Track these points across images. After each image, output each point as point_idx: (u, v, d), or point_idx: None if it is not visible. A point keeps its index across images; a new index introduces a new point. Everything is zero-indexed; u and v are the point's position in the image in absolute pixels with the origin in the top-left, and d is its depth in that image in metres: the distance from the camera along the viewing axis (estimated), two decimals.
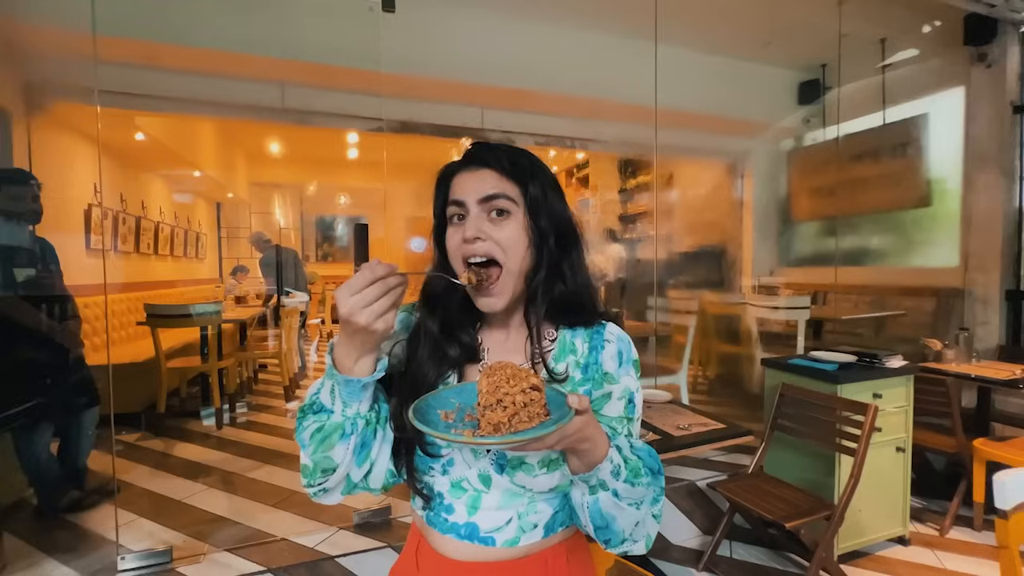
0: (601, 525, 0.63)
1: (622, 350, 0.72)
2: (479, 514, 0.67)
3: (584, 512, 0.63)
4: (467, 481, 0.68)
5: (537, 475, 0.65)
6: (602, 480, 0.59)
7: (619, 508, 0.61)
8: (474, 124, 3.61)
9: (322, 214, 8.21)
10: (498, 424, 0.53)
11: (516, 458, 0.66)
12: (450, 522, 0.68)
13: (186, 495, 2.46)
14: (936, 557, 2.05)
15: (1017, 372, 2.38)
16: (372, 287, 0.54)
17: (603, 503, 0.61)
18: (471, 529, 0.67)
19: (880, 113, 3.51)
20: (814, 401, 2.05)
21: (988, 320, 3.07)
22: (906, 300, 3.43)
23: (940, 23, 3.20)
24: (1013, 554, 1.02)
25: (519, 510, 0.67)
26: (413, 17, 2.58)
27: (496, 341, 0.75)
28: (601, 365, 0.71)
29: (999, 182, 3.04)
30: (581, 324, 0.73)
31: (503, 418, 0.53)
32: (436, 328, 0.72)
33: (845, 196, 3.69)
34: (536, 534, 0.68)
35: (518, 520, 0.67)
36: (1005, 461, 2.13)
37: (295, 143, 5.68)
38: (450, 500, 0.69)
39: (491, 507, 0.67)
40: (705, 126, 4.02)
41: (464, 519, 0.68)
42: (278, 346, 3.81)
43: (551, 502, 0.68)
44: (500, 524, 0.67)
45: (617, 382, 0.70)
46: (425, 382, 0.69)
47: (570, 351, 0.71)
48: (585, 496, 0.61)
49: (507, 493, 0.67)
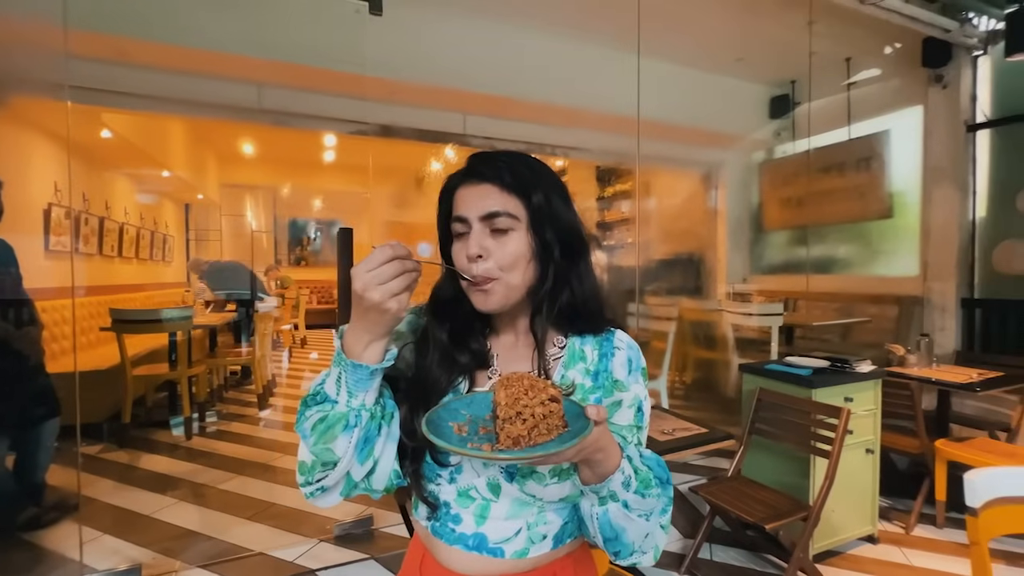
0: (611, 537, 0.63)
1: (632, 357, 0.72)
2: (487, 524, 0.66)
3: (593, 523, 0.62)
4: (475, 490, 0.67)
5: (548, 484, 0.65)
6: (613, 491, 0.59)
7: (629, 519, 0.61)
8: (456, 130, 3.61)
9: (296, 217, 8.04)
10: (517, 437, 0.52)
11: (527, 467, 0.65)
12: (457, 532, 0.67)
13: (154, 509, 2.35)
14: (903, 554, 2.14)
15: (973, 376, 2.51)
16: (389, 265, 0.54)
17: (613, 514, 0.61)
18: (479, 540, 0.66)
19: (846, 128, 3.68)
20: (790, 405, 2.11)
21: (945, 326, 3.24)
22: (871, 307, 3.59)
23: (900, 45, 3.38)
24: (983, 550, 1.08)
25: (528, 520, 0.66)
26: (398, 20, 2.56)
27: (505, 347, 0.74)
28: (611, 372, 0.71)
29: (954, 196, 3.23)
30: (590, 331, 0.73)
31: (523, 431, 0.52)
32: (445, 335, 0.71)
33: (813, 207, 3.85)
34: (545, 545, 0.67)
35: (527, 531, 0.66)
36: (965, 461, 2.25)
37: (270, 144, 5.54)
38: (457, 509, 0.67)
39: (500, 517, 0.66)
40: (681, 137, 4.13)
41: (472, 529, 0.66)
42: (251, 352, 3.69)
43: (560, 512, 0.67)
44: (509, 535, 0.66)
45: (627, 390, 0.70)
46: (436, 388, 0.69)
47: (580, 358, 0.71)
48: (595, 507, 0.61)
49: (516, 502, 0.66)
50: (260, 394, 3.68)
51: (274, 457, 2.90)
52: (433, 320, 0.73)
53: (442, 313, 0.72)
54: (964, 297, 3.22)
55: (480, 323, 0.74)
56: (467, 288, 0.69)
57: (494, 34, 3.01)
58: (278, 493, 2.49)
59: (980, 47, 3.15)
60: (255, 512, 2.31)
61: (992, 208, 3.16)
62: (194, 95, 2.92)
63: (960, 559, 2.09)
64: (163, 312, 3.07)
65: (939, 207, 3.29)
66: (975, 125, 3.19)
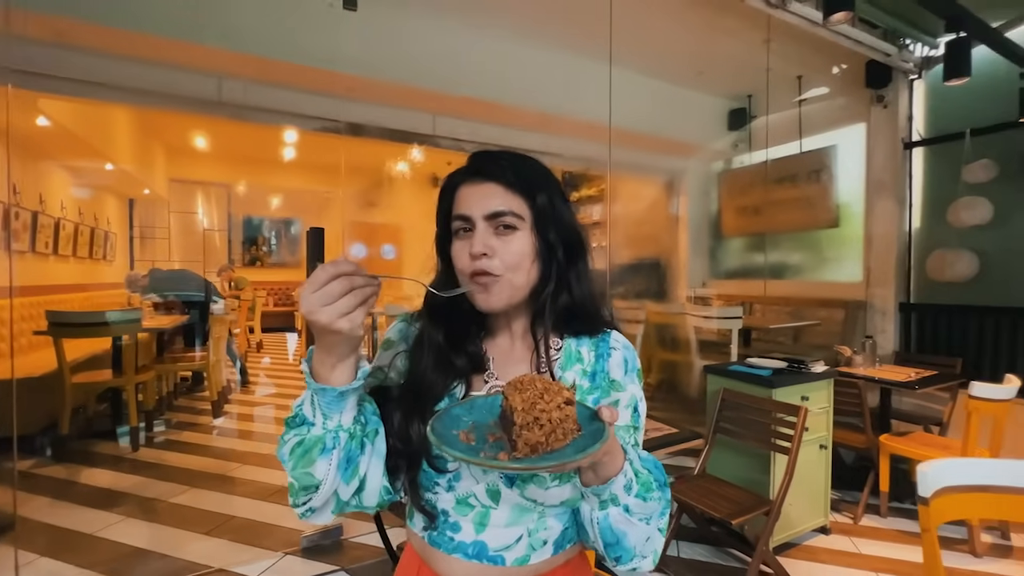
0: (611, 542, 0.62)
1: (627, 358, 0.73)
2: (487, 531, 0.65)
3: (594, 528, 0.62)
4: (474, 497, 0.66)
5: (549, 487, 0.64)
6: (614, 495, 0.59)
7: (630, 523, 0.61)
8: (425, 130, 3.57)
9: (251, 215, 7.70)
10: (536, 444, 0.51)
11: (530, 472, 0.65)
12: (456, 541, 0.66)
13: (99, 527, 2.18)
14: (853, 544, 2.27)
15: (912, 375, 2.71)
16: (335, 283, 0.51)
17: (614, 519, 0.60)
18: (479, 548, 0.65)
19: (797, 142, 3.90)
20: (752, 404, 2.21)
21: (886, 329, 3.48)
22: (820, 311, 3.81)
23: (846, 66, 3.62)
24: (933, 536, 1.16)
25: (529, 527, 0.66)
26: (372, 17, 2.51)
27: (501, 351, 0.73)
28: (608, 373, 0.71)
29: (893, 208, 3.48)
30: (587, 333, 0.73)
31: (541, 437, 0.51)
32: (441, 338, 0.70)
33: (768, 215, 4.05)
34: (546, 551, 0.67)
35: (528, 537, 0.66)
36: (906, 454, 2.42)
37: (226, 139, 5.28)
38: (456, 517, 0.66)
39: (500, 524, 0.65)
40: (646, 145, 4.25)
41: (472, 537, 0.65)
42: (205, 357, 3.50)
43: (560, 518, 0.67)
44: (510, 542, 0.65)
45: (624, 390, 0.70)
46: (431, 393, 0.67)
47: (576, 359, 0.72)
48: (595, 511, 0.61)
49: (517, 508, 0.65)
50: (215, 401, 3.49)
51: (231, 467, 2.76)
52: (429, 323, 0.71)
53: (438, 315, 0.71)
54: (902, 302, 3.47)
55: (476, 326, 0.73)
56: (468, 287, 0.68)
57: (468, 36, 3.01)
58: (238, 505, 2.37)
59: (916, 71, 3.42)
60: (213, 526, 2.19)
61: (926, 220, 3.43)
62: (145, 84, 2.74)
63: (903, 546, 2.24)
64: (108, 315, 2.86)
65: (880, 218, 3.54)
66: (911, 143, 3.46)
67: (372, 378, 0.74)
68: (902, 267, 3.48)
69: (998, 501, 1.16)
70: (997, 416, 2.19)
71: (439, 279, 0.74)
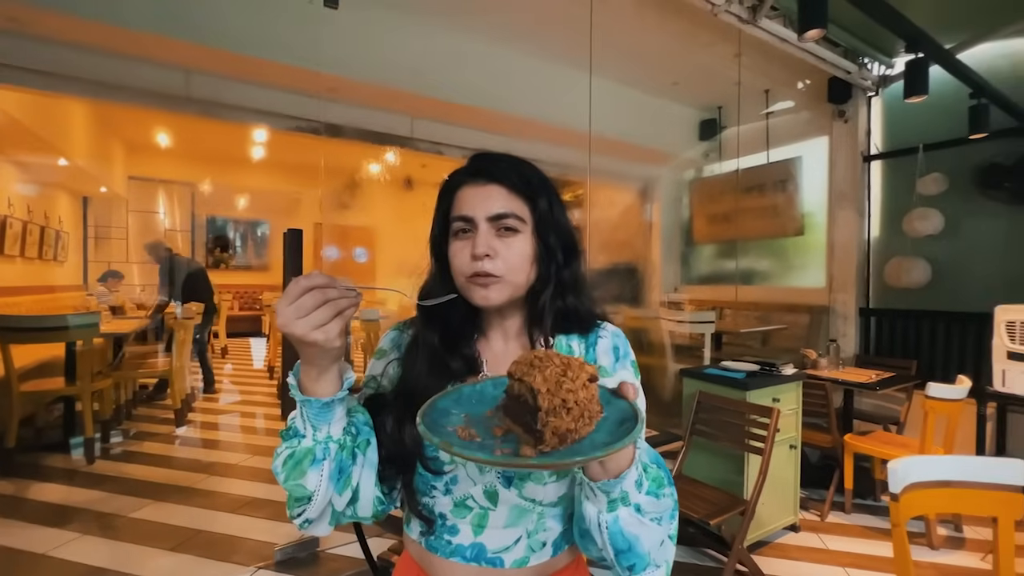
0: (623, 548, 0.57)
1: (618, 345, 0.73)
2: (486, 533, 0.65)
3: (603, 534, 0.57)
4: (472, 499, 0.65)
5: (547, 483, 0.64)
6: (625, 492, 0.56)
7: (642, 525, 0.57)
8: (403, 132, 3.53)
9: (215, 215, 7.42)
10: (565, 433, 0.44)
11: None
12: (454, 544, 0.65)
13: (51, 547, 2.04)
14: (820, 540, 2.36)
15: (872, 376, 2.84)
16: (308, 296, 0.51)
17: (624, 521, 0.57)
18: (478, 550, 0.65)
19: (765, 153, 4.05)
20: (726, 407, 2.27)
21: (847, 332, 3.65)
22: (786, 315, 3.96)
23: (810, 82, 3.79)
24: (903, 531, 1.22)
25: (528, 528, 0.66)
26: (352, 17, 2.47)
27: (494, 353, 0.73)
28: (596, 360, 0.71)
29: (853, 218, 3.66)
30: (577, 332, 0.74)
31: (570, 424, 0.44)
32: (436, 340, 0.70)
33: (737, 223, 4.19)
34: (545, 553, 0.67)
35: (527, 539, 0.65)
36: (869, 452, 2.54)
37: (191, 136, 5.08)
38: (454, 520, 0.66)
39: (498, 525, 0.65)
40: (621, 152, 4.33)
41: (470, 540, 0.65)
42: (168, 363, 3.34)
43: (558, 518, 0.67)
44: (508, 543, 0.65)
45: (611, 375, 0.70)
46: (425, 396, 0.66)
47: (568, 352, 0.72)
48: (603, 514, 0.56)
49: (515, 510, 0.65)
50: (178, 409, 3.34)
51: (198, 479, 2.64)
52: (424, 324, 0.71)
53: (433, 318, 0.71)
54: (862, 307, 3.65)
55: (470, 328, 0.73)
56: (465, 285, 0.68)
57: (450, 40, 3.00)
58: (206, 519, 2.26)
59: (873, 89, 3.61)
60: (178, 542, 2.08)
61: (884, 229, 3.62)
62: (105, 76, 2.61)
63: (868, 541, 2.34)
64: (68, 319, 2.69)
65: (841, 227, 3.71)
66: (870, 156, 3.65)
67: (367, 388, 0.74)
68: (862, 274, 3.65)
69: (960, 496, 1.23)
70: (951, 415, 2.32)
71: (433, 279, 0.73)
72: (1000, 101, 2.66)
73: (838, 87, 3.60)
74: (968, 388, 2.34)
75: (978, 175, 3.08)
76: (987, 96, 2.61)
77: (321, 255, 5.13)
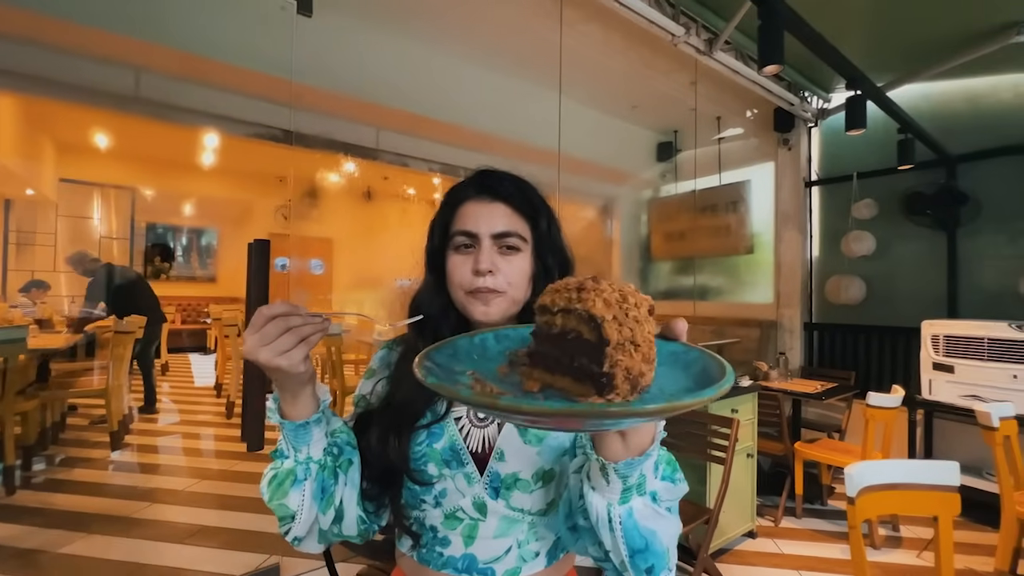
0: (640, 547, 0.50)
1: None
2: (476, 544, 0.65)
3: (615, 532, 0.50)
4: (462, 510, 0.66)
5: (533, 491, 0.65)
6: (643, 476, 0.50)
7: (659, 517, 0.52)
8: (368, 144, 3.48)
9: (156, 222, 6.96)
10: (636, 378, 0.35)
11: (510, 476, 0.65)
12: (446, 556, 0.66)
13: None
14: (776, 545, 2.47)
15: (818, 387, 3.03)
16: (271, 325, 0.54)
17: (640, 513, 0.50)
18: (469, 561, 0.65)
19: (717, 176, 4.28)
20: (689, 417, 2.35)
21: (793, 346, 3.88)
22: (739, 329, 4.16)
23: (757, 111, 4.06)
24: (859, 533, 1.30)
25: (519, 537, 0.66)
26: (322, 24, 2.43)
27: None
28: None
29: (797, 238, 3.92)
30: None
31: (641, 366, 0.35)
32: None
33: (692, 241, 4.39)
34: (539, 563, 0.67)
35: (518, 549, 0.66)
36: (817, 459, 2.69)
37: (135, 138, 4.77)
38: (444, 532, 0.66)
39: (488, 536, 0.65)
40: (584, 170, 4.45)
41: (461, 551, 0.65)
42: (104, 381, 3.08)
43: (552, 527, 0.67)
44: (499, 553, 0.65)
45: None
46: (411, 409, 0.68)
47: None
48: (615, 507, 0.49)
49: (504, 520, 0.66)
50: (114, 432, 3.07)
51: (138, 507, 2.43)
52: (417, 336, 0.71)
53: (425, 329, 0.71)
54: (806, 321, 3.89)
55: None
56: (464, 300, 0.69)
57: (420, 53, 3.00)
58: (150, 551, 2.08)
59: (813, 120, 3.92)
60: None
61: (824, 249, 3.90)
62: (38, 70, 2.43)
63: (819, 543, 2.47)
64: None
65: (787, 247, 3.97)
66: (811, 182, 3.94)
67: (356, 407, 0.74)
68: (805, 290, 3.91)
69: (906, 497, 1.33)
70: (888, 422, 2.50)
71: (427, 290, 0.74)
72: (923, 137, 2.95)
73: (782, 117, 3.88)
74: (902, 396, 2.54)
75: (904, 202, 3.39)
76: (912, 131, 2.90)
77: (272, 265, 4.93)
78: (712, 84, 3.51)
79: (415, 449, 0.66)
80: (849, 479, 1.31)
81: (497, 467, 0.65)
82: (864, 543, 2.43)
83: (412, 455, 0.66)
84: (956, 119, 3.18)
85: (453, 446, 0.66)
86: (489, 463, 0.66)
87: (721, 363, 0.37)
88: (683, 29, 2.65)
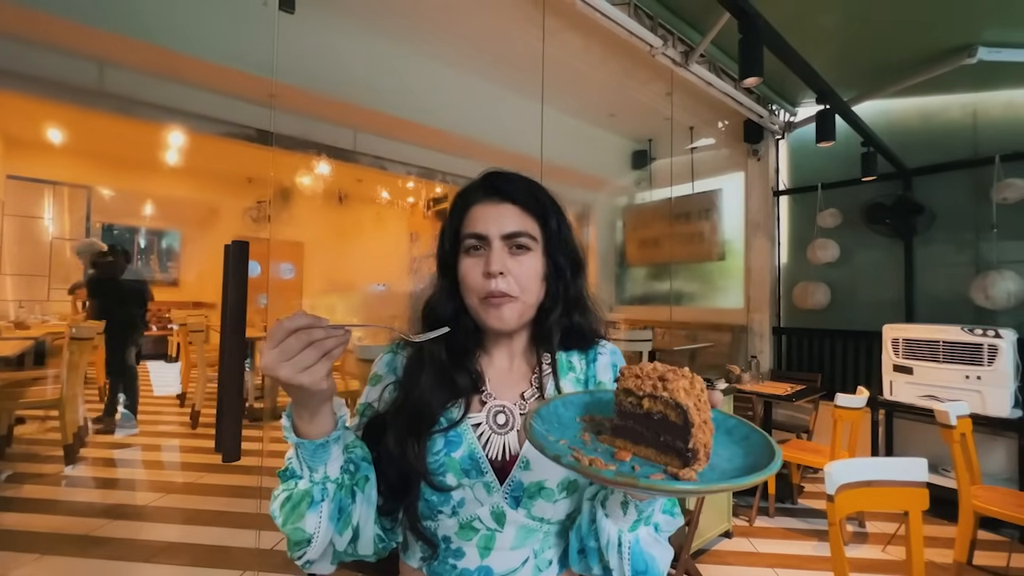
0: (641, 570, 0.57)
1: (615, 361, 0.76)
2: (492, 556, 0.64)
3: (623, 556, 0.57)
4: (479, 520, 0.65)
5: (557, 500, 0.65)
6: (652, 510, 0.58)
7: (658, 544, 0.59)
8: (345, 145, 3.42)
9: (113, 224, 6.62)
10: (708, 447, 0.43)
11: (534, 485, 0.64)
12: (460, 568, 0.64)
13: None
14: (751, 544, 2.53)
15: (788, 389, 3.14)
16: (293, 338, 0.51)
17: (644, 541, 0.58)
18: (484, 573, 0.64)
19: (690, 184, 4.40)
20: None
21: (763, 349, 4.01)
22: (712, 334, 4.28)
23: (728, 122, 4.20)
24: (838, 530, 1.34)
25: (535, 547, 0.65)
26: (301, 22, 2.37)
27: (497, 369, 0.74)
28: (596, 376, 0.74)
29: (766, 246, 4.06)
30: (578, 348, 0.76)
31: (708, 439, 0.43)
32: (444, 355, 0.69)
33: (666, 247, 4.49)
34: (552, 571, 0.67)
35: (534, 559, 0.65)
36: (792, 460, 2.78)
37: (92, 133, 4.53)
38: (459, 544, 0.65)
39: (505, 547, 0.64)
40: (562, 177, 4.49)
41: (476, 563, 0.64)
42: (57, 392, 2.89)
43: (562, 535, 0.67)
44: (516, 565, 0.64)
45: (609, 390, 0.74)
46: (428, 412, 0.66)
47: (569, 368, 0.74)
48: (625, 534, 0.57)
49: (523, 530, 0.65)
50: (69, 444, 2.88)
51: (97, 525, 2.28)
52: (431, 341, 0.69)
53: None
54: (774, 326, 4.03)
55: (473, 345, 0.73)
56: (479, 307, 0.68)
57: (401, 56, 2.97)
58: (113, 571, 1.96)
59: (780, 132, 4.08)
60: None
61: (791, 256, 4.05)
62: None
63: (791, 541, 2.55)
64: None
65: (756, 253, 4.11)
66: (778, 191, 4.10)
67: (362, 417, 0.72)
68: (774, 296, 4.05)
69: (880, 494, 1.38)
70: (854, 422, 2.61)
71: (440, 295, 0.73)
72: (883, 150, 3.12)
73: (752, 129, 4.02)
74: (867, 398, 2.66)
75: (866, 212, 3.56)
76: (874, 145, 3.05)
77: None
78: (687, 95, 3.61)
79: (433, 459, 0.65)
80: (828, 477, 1.35)
81: (520, 476, 0.64)
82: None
83: (430, 464, 0.64)
84: (911, 134, 3.38)
85: (472, 455, 0.65)
86: (512, 472, 0.65)
87: (761, 434, 0.45)
88: (661, 41, 2.72)
